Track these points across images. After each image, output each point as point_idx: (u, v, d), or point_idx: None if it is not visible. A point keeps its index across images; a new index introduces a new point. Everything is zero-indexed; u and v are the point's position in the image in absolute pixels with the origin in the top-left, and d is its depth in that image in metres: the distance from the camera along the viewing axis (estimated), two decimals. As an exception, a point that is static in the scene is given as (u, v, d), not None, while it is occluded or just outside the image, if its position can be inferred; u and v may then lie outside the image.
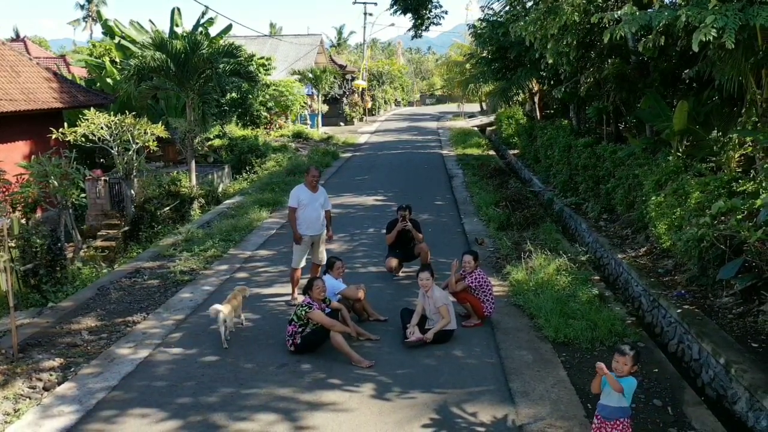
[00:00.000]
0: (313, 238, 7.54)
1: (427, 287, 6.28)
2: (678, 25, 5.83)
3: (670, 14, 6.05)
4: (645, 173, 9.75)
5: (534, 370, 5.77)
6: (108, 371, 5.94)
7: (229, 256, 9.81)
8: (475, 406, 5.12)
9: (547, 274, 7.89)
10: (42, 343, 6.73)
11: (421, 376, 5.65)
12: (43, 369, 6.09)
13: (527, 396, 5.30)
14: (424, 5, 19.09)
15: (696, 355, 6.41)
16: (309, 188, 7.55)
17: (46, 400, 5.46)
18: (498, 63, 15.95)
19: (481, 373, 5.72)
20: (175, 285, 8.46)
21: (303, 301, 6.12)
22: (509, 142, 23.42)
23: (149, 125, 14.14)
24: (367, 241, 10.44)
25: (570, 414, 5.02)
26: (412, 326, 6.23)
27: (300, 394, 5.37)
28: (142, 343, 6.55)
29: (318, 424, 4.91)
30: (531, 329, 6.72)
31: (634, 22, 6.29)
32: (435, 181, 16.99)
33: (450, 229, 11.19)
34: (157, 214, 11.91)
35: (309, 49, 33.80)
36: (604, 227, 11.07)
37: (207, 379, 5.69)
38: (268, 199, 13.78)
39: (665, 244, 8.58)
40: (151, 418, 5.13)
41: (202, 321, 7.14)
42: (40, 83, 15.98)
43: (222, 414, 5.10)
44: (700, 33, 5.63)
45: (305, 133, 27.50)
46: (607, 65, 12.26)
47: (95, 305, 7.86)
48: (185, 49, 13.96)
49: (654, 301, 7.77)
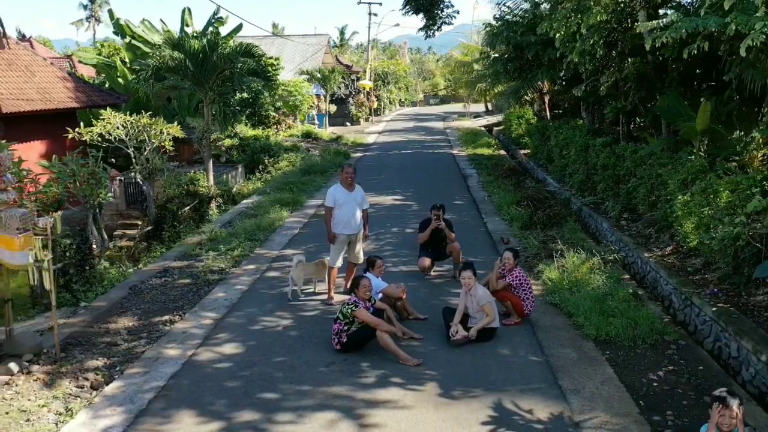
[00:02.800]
0: (350, 237, 7.54)
1: (470, 286, 6.30)
2: (728, 31, 5.89)
3: (717, 21, 6.10)
4: (669, 173, 9.79)
5: (581, 368, 5.80)
6: (154, 371, 5.94)
7: (256, 256, 9.81)
8: (530, 403, 5.15)
9: (580, 273, 7.92)
10: (82, 342, 6.73)
11: (471, 373, 5.68)
12: (88, 368, 6.09)
13: (578, 393, 5.33)
14: (436, 5, 19.12)
15: (735, 353, 6.44)
16: (345, 187, 7.56)
17: (96, 399, 5.46)
18: (514, 63, 15.97)
19: (529, 371, 5.75)
20: (207, 284, 8.46)
21: (349, 300, 6.14)
22: (519, 141, 23.47)
23: (165, 125, 14.14)
24: (393, 240, 10.46)
25: (624, 411, 5.05)
26: (456, 325, 6.26)
27: (355, 392, 5.38)
28: (184, 342, 6.56)
29: (379, 421, 4.93)
30: (571, 327, 6.75)
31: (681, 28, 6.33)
32: (450, 180, 17.02)
33: (473, 229, 11.21)
34: (179, 214, 11.90)
35: (316, 49, 33.79)
36: (626, 226, 11.10)
37: (256, 379, 5.70)
38: (287, 198, 13.78)
39: (692, 243, 8.61)
40: (204, 417, 5.13)
41: (240, 321, 7.15)
42: (54, 83, 15.96)
43: (278, 413, 5.10)
44: (749, 38, 5.71)
45: (314, 133, 27.53)
46: (627, 64, 12.31)
47: (129, 305, 7.86)
48: (203, 48, 13.95)
49: (686, 299, 7.80)
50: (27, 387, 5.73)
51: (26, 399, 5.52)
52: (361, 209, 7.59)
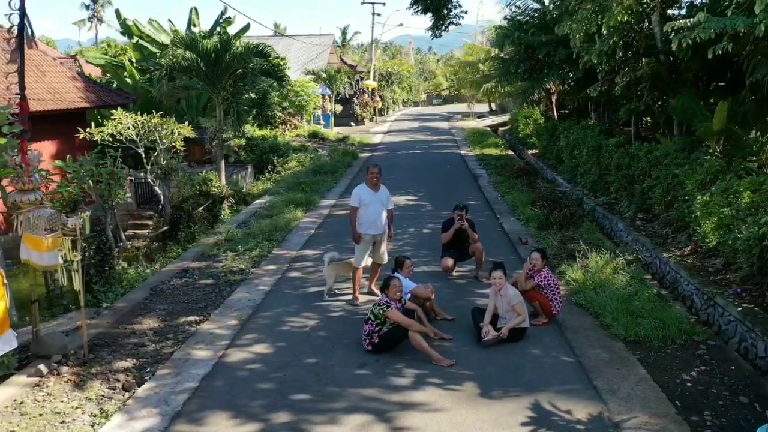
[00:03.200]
0: (375, 237, 7.53)
1: (501, 285, 6.29)
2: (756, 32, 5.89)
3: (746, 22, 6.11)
4: (686, 173, 9.78)
5: (613, 368, 5.79)
6: (185, 372, 5.92)
7: (275, 256, 9.80)
8: (567, 403, 5.14)
9: (604, 274, 7.92)
10: (108, 343, 6.71)
11: (505, 374, 5.67)
12: (117, 370, 6.07)
13: (614, 394, 5.32)
14: (444, 5, 19.14)
15: (762, 353, 6.42)
16: (370, 187, 7.54)
17: (129, 401, 5.44)
18: (525, 63, 15.97)
19: (562, 371, 5.74)
20: (229, 285, 8.45)
21: (380, 300, 6.13)
22: (526, 141, 23.48)
23: (176, 125, 14.11)
24: (411, 241, 10.45)
25: (662, 411, 5.05)
26: (486, 325, 6.25)
27: (388, 394, 5.37)
28: (212, 343, 6.54)
29: (414, 424, 4.90)
30: (598, 328, 6.75)
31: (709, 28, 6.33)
32: (461, 181, 17.01)
33: (489, 229, 11.20)
34: (194, 214, 11.89)
35: (321, 49, 33.76)
36: (641, 227, 11.10)
37: (289, 380, 5.69)
38: (299, 199, 13.76)
39: (711, 243, 8.61)
40: (239, 419, 5.12)
41: (266, 322, 7.14)
42: (65, 83, 15.93)
43: (311, 415, 5.09)
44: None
45: (320, 133, 27.51)
46: (641, 64, 12.32)
47: (152, 305, 7.84)
48: (216, 48, 13.93)
49: (709, 299, 7.79)
50: (58, 388, 5.71)
51: (59, 401, 5.50)
52: (386, 209, 7.57)
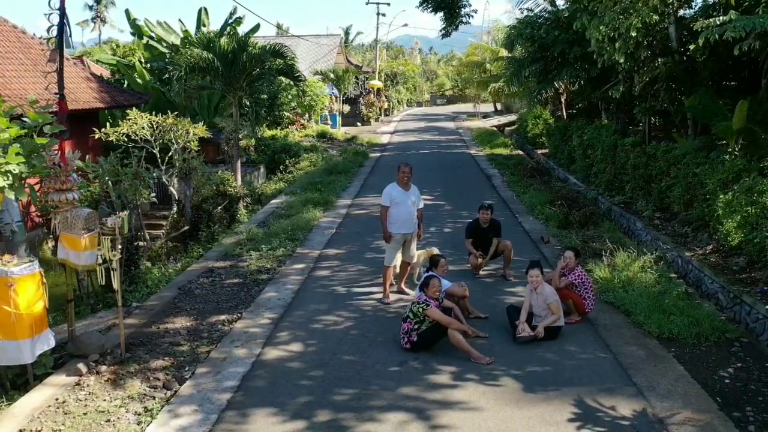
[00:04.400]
0: (406, 236, 7.56)
1: (537, 284, 6.34)
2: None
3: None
4: (707, 172, 9.83)
5: (651, 366, 5.84)
6: (225, 370, 5.95)
7: (299, 255, 9.83)
8: (610, 400, 5.18)
9: (632, 272, 7.97)
10: (144, 342, 6.74)
11: (545, 371, 5.71)
12: (156, 368, 6.10)
13: (655, 390, 5.37)
14: (456, 4, 19.18)
15: (794, 351, 6.48)
16: (401, 186, 7.57)
17: (172, 400, 5.48)
18: (539, 63, 15.99)
19: (601, 369, 5.78)
20: (257, 284, 8.48)
21: (419, 299, 6.17)
22: (535, 141, 23.52)
23: (191, 125, 14.12)
24: (434, 240, 10.48)
25: (704, 408, 5.09)
26: (522, 323, 6.29)
27: (428, 392, 5.40)
28: (248, 342, 6.57)
29: (455, 422, 4.92)
30: (631, 325, 6.79)
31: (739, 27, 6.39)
32: (474, 180, 17.05)
33: (510, 228, 11.22)
34: (213, 214, 11.93)
35: (329, 49, 33.79)
36: (660, 226, 11.14)
37: (330, 377, 5.72)
38: (316, 198, 13.80)
39: (734, 242, 8.65)
40: (280, 417, 5.15)
41: (300, 320, 7.17)
42: (79, 83, 15.94)
43: (351, 413, 5.11)
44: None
45: (329, 133, 27.54)
46: (658, 64, 12.36)
47: (182, 305, 7.87)
48: (233, 48, 13.97)
49: (735, 297, 7.83)
50: (99, 387, 5.74)
51: (101, 399, 5.53)
52: (416, 208, 7.60)
